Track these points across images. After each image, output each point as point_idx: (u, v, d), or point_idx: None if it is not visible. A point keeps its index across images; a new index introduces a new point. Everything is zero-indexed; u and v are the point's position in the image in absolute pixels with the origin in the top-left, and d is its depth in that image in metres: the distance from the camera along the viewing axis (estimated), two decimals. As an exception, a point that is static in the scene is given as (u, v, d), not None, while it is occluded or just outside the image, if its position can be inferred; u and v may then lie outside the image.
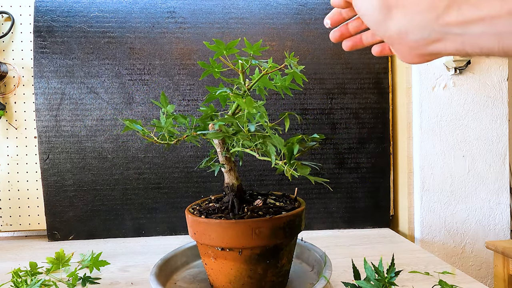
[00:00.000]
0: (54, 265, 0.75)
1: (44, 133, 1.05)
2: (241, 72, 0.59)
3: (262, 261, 0.59)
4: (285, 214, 0.59)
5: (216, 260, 0.61)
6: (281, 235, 0.58)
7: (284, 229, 0.58)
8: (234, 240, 0.57)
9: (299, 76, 0.58)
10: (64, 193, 1.06)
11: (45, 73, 1.05)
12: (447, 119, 1.04)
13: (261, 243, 0.57)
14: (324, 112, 1.11)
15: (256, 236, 0.57)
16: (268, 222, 0.57)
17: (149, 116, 1.07)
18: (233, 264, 0.59)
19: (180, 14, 1.07)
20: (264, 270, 0.60)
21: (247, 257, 0.58)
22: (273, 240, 0.58)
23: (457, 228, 1.04)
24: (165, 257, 0.73)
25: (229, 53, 0.56)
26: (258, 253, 0.58)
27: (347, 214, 1.12)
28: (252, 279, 0.60)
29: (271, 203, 0.65)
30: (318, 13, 1.10)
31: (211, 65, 0.59)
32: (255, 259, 0.59)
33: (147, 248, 0.97)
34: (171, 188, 1.08)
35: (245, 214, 0.60)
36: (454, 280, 0.71)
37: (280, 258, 0.61)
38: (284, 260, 0.62)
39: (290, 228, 0.59)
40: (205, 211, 0.64)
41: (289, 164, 0.53)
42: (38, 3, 1.04)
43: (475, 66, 1.03)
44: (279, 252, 0.60)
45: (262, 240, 0.57)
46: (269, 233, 0.57)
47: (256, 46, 0.56)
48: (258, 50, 0.56)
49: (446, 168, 1.04)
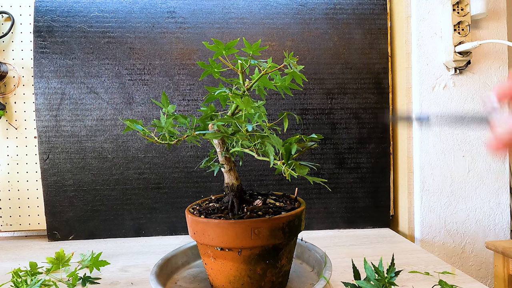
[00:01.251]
0: (54, 265, 0.75)
1: (44, 133, 1.05)
2: (241, 72, 0.59)
3: (262, 261, 0.59)
4: (284, 215, 0.59)
5: (216, 260, 0.61)
6: (280, 236, 0.58)
7: (283, 230, 0.58)
8: (233, 240, 0.57)
9: (298, 76, 0.58)
10: (64, 193, 1.06)
11: (45, 73, 1.05)
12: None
13: (260, 243, 0.57)
14: (324, 112, 1.11)
15: (255, 236, 0.56)
16: (267, 223, 0.57)
17: (149, 116, 1.07)
18: (233, 264, 0.59)
19: (180, 14, 1.07)
20: (263, 270, 0.60)
21: (246, 257, 0.58)
22: (272, 240, 0.58)
23: (457, 228, 1.04)
24: (166, 257, 0.73)
25: (228, 53, 0.56)
26: (257, 253, 0.58)
27: (347, 214, 1.12)
28: (252, 279, 0.60)
29: (271, 203, 0.65)
30: (318, 13, 1.10)
31: (210, 65, 0.59)
32: (255, 259, 0.59)
33: (147, 248, 0.97)
34: (171, 188, 1.08)
35: (244, 214, 0.60)
36: (454, 280, 0.71)
37: (279, 258, 0.61)
38: (283, 260, 0.62)
39: (289, 228, 0.59)
40: (205, 211, 0.64)
41: (287, 164, 0.53)
42: (38, 3, 1.04)
43: (475, 66, 1.03)
44: (279, 253, 0.60)
45: (261, 240, 0.57)
46: (268, 234, 0.57)
47: (255, 46, 0.55)
48: (257, 50, 0.56)
49: (446, 168, 1.04)
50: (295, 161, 0.54)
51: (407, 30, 1.06)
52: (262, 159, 0.58)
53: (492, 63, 1.04)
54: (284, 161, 0.53)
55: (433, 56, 1.03)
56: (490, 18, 1.03)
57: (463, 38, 0.98)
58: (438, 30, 1.03)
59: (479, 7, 0.97)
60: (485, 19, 1.03)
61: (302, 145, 0.58)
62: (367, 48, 1.11)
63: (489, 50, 1.03)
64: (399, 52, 1.10)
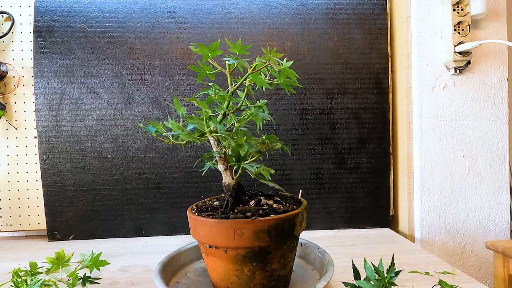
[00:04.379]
0: (54, 265, 0.75)
1: (44, 133, 1.05)
2: (228, 73, 0.61)
3: (248, 262, 0.59)
4: (270, 217, 0.57)
5: (207, 256, 0.62)
6: (265, 238, 0.57)
7: (269, 232, 0.57)
8: (219, 239, 0.58)
9: (291, 72, 0.58)
10: (64, 193, 1.06)
11: (45, 73, 1.05)
12: (447, 119, 1.04)
13: (244, 245, 0.57)
14: (324, 112, 1.11)
15: (238, 237, 0.56)
16: (249, 224, 0.56)
17: (149, 116, 1.07)
18: (221, 262, 0.60)
19: (180, 14, 1.07)
20: (251, 272, 0.59)
21: (233, 257, 0.59)
22: (257, 243, 0.57)
23: (457, 228, 1.04)
24: (180, 250, 0.77)
25: (214, 55, 0.58)
26: (243, 254, 0.58)
27: (347, 214, 1.12)
28: (240, 280, 0.60)
29: (269, 204, 0.65)
30: (318, 13, 1.10)
31: (201, 68, 0.61)
32: (241, 260, 0.58)
33: (147, 248, 0.97)
34: (171, 188, 1.08)
35: (231, 214, 0.60)
36: (454, 280, 0.71)
37: (269, 261, 0.60)
38: (275, 264, 0.60)
39: (277, 232, 0.58)
40: (203, 209, 0.65)
41: (237, 165, 0.52)
42: (38, 3, 1.04)
43: (475, 66, 1.03)
44: (267, 256, 0.59)
45: (244, 241, 0.56)
46: (251, 235, 0.56)
47: (238, 46, 0.57)
48: (243, 49, 0.57)
49: (446, 168, 1.04)
50: (240, 163, 0.53)
51: (407, 30, 1.06)
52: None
53: (492, 63, 1.04)
54: (233, 163, 0.53)
55: (433, 56, 1.03)
56: (490, 18, 1.03)
57: (463, 38, 0.98)
58: (438, 30, 1.03)
59: (479, 7, 0.97)
60: (485, 19, 1.03)
61: (261, 147, 0.58)
62: (367, 48, 1.11)
63: (489, 50, 1.03)
64: (399, 52, 1.10)
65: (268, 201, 0.66)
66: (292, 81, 0.61)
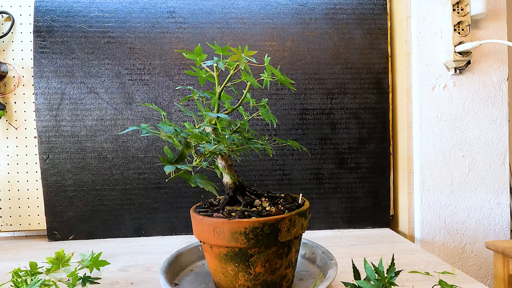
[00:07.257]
0: (54, 265, 0.75)
1: (44, 133, 1.05)
2: (216, 75, 0.63)
3: (230, 261, 0.60)
4: (245, 220, 0.57)
5: (203, 250, 0.66)
6: (242, 240, 0.57)
7: (245, 235, 0.57)
8: (203, 235, 0.61)
9: (275, 70, 0.61)
10: (64, 193, 1.06)
11: (45, 73, 1.05)
12: (447, 119, 1.04)
13: (223, 244, 0.58)
14: (324, 112, 1.11)
15: (218, 236, 0.58)
16: (226, 224, 0.57)
17: (149, 116, 1.07)
18: (210, 257, 0.63)
19: (180, 14, 1.07)
20: (234, 272, 0.60)
21: (217, 254, 0.61)
22: (234, 243, 0.57)
23: (457, 228, 1.04)
24: (190, 246, 0.80)
25: (202, 59, 0.62)
26: (224, 253, 0.60)
27: (347, 214, 1.12)
28: (226, 278, 0.61)
29: (263, 206, 0.65)
30: (318, 13, 1.10)
31: (197, 71, 0.65)
32: (224, 258, 0.60)
33: (147, 248, 0.97)
34: (171, 188, 1.08)
35: (221, 212, 0.62)
36: (454, 280, 0.71)
37: (251, 264, 0.59)
38: (259, 269, 0.59)
39: (255, 235, 0.57)
40: (205, 205, 0.69)
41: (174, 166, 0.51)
42: (38, 3, 1.04)
43: (475, 66, 1.03)
44: (249, 258, 0.59)
45: (223, 240, 0.58)
46: (228, 235, 0.57)
47: (225, 49, 0.60)
48: (225, 50, 0.60)
49: (446, 168, 1.04)
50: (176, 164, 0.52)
51: (407, 30, 1.06)
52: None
53: (492, 63, 1.04)
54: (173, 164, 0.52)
55: (433, 56, 1.03)
56: (490, 18, 1.03)
57: (463, 38, 0.98)
58: (438, 30, 1.03)
59: (479, 7, 0.97)
60: (485, 19, 1.03)
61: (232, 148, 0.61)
62: (367, 48, 1.11)
63: (489, 50, 1.03)
64: (399, 52, 1.10)
65: (264, 203, 0.66)
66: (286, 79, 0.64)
